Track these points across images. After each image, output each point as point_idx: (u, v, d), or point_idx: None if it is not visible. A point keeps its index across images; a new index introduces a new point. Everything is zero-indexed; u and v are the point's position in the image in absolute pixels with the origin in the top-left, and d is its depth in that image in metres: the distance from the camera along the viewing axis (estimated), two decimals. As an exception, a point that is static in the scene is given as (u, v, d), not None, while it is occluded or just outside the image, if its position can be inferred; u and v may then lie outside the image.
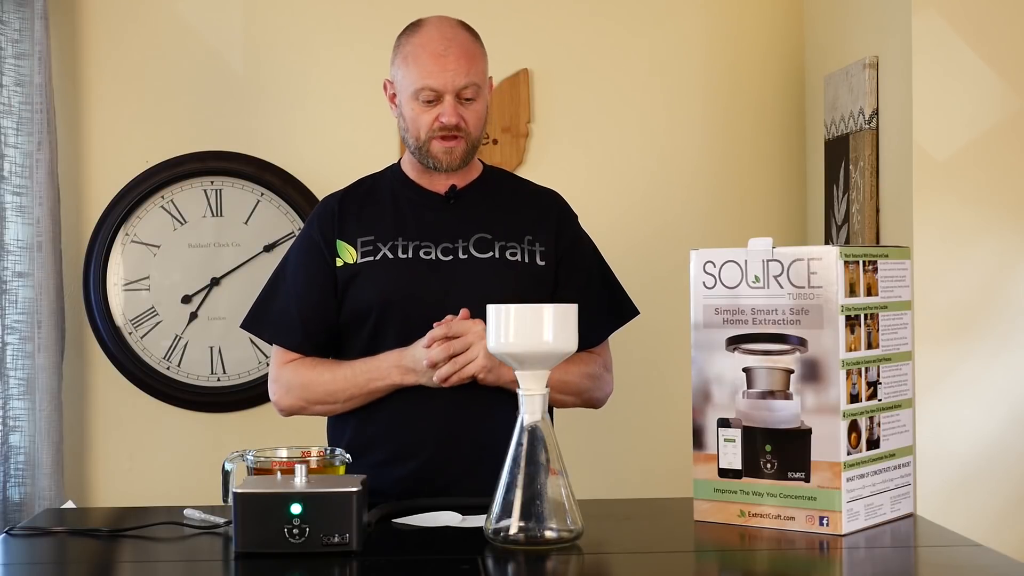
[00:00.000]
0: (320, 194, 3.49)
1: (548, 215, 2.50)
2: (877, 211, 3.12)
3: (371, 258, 2.41)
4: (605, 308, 2.50)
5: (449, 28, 2.41)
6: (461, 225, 2.43)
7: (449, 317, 2.29)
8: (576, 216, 2.55)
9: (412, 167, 2.49)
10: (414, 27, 2.43)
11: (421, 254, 2.40)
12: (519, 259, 2.42)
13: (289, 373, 2.45)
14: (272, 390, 2.48)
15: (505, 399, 2.17)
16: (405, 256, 2.40)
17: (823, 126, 3.45)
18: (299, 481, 1.85)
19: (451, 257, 2.40)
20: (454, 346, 2.27)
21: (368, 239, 2.42)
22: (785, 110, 3.68)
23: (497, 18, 3.49)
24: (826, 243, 3.41)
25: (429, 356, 2.27)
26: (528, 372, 1.88)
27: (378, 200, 2.47)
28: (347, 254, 2.42)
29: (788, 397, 1.94)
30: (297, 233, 3.53)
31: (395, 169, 2.53)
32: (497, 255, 2.42)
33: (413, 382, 2.33)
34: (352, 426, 2.43)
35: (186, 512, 2.06)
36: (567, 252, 2.48)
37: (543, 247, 2.45)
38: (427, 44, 2.38)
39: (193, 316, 3.53)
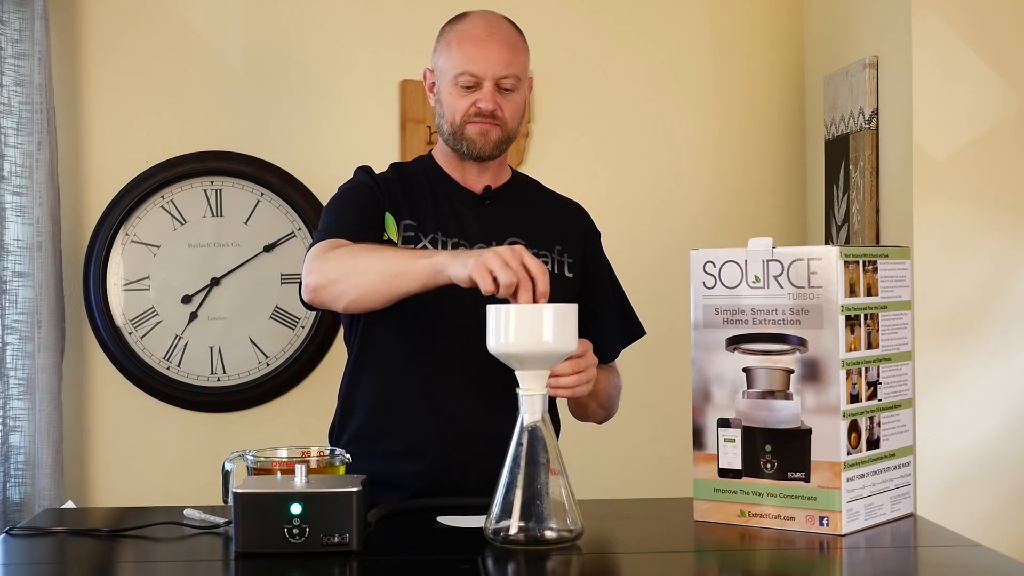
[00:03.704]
0: (320, 194, 3.50)
1: (576, 228, 2.49)
2: (877, 211, 3.12)
3: (411, 246, 2.34)
4: (619, 326, 2.51)
5: (495, 19, 2.39)
6: (495, 227, 2.40)
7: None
8: (600, 233, 2.54)
9: (445, 159, 2.44)
10: (460, 16, 2.42)
11: None
12: (550, 268, 2.39)
13: (342, 249, 2.24)
14: (305, 271, 2.26)
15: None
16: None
17: (823, 126, 3.45)
18: (299, 481, 1.85)
19: (461, 250, 2.36)
20: (586, 372, 2.17)
21: (411, 224, 2.36)
22: (785, 110, 3.68)
23: (497, 18, 3.49)
24: (826, 243, 3.42)
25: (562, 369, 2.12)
26: (528, 372, 1.88)
27: (418, 188, 2.41)
28: (392, 229, 2.36)
29: (788, 397, 1.94)
30: (297, 232, 3.54)
31: (428, 160, 2.48)
32: None
33: (444, 280, 2.09)
34: (361, 415, 2.39)
35: (186, 512, 2.06)
36: (591, 268, 2.47)
37: (571, 259, 2.43)
38: (471, 31, 2.36)
39: (193, 316, 3.53)
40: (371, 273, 2.17)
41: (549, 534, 1.85)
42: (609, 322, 2.46)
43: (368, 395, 2.39)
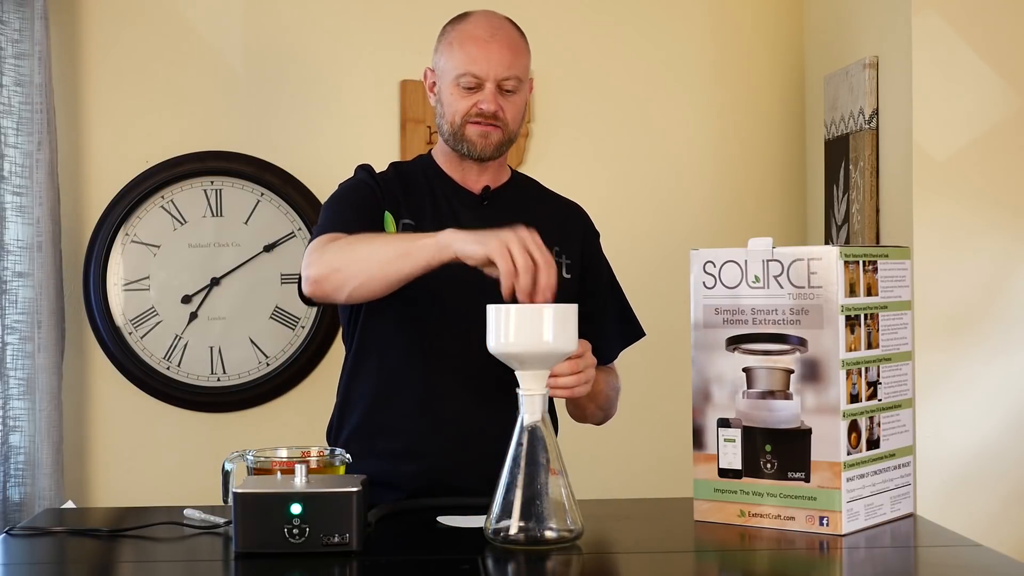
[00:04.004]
0: (320, 194, 3.50)
1: (575, 229, 2.48)
2: (877, 211, 3.12)
3: None
4: (618, 328, 2.50)
5: (496, 19, 2.39)
6: (494, 227, 2.39)
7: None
8: (599, 234, 2.54)
9: (445, 159, 2.43)
10: (461, 16, 2.41)
11: None
12: None
13: (341, 240, 2.23)
14: (305, 265, 2.23)
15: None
16: None
17: (823, 126, 3.45)
18: (299, 481, 1.84)
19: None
20: (585, 372, 2.17)
21: (409, 223, 2.35)
22: (785, 110, 3.68)
23: (497, 18, 3.49)
24: (826, 243, 3.42)
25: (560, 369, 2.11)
26: (528, 372, 1.88)
27: (417, 188, 2.41)
28: (391, 228, 2.35)
29: (788, 397, 1.94)
30: (297, 232, 3.54)
31: (427, 160, 2.47)
32: None
33: (449, 256, 2.07)
34: (359, 413, 2.39)
35: (186, 512, 2.06)
36: (589, 269, 2.47)
37: (569, 260, 2.43)
38: (473, 31, 2.35)
39: (193, 316, 3.53)
40: (374, 258, 2.16)
41: (549, 534, 1.85)
42: (607, 323, 2.46)
43: (366, 393, 2.38)
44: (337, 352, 3.54)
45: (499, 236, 2.01)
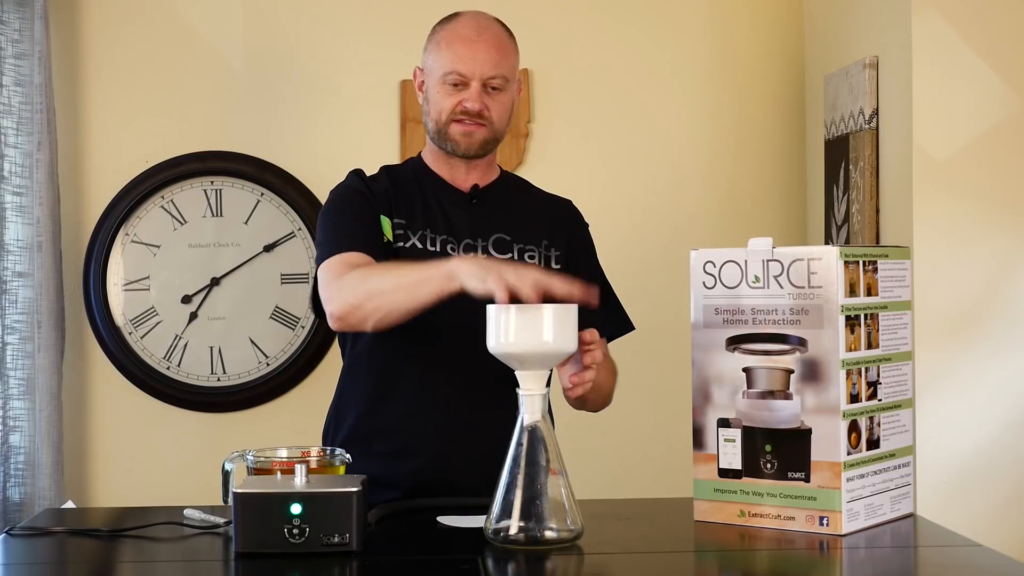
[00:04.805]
0: (320, 194, 3.50)
1: (563, 222, 2.50)
2: (877, 211, 3.12)
3: (401, 244, 2.37)
4: (607, 320, 2.50)
5: (484, 19, 2.41)
6: (481, 224, 2.41)
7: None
8: (588, 226, 2.55)
9: (434, 159, 2.46)
10: (450, 17, 2.44)
11: (448, 249, 2.37)
12: (536, 262, 2.41)
13: (355, 272, 2.27)
14: (326, 299, 2.28)
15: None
16: (433, 249, 2.36)
17: (823, 126, 3.45)
18: (299, 481, 1.85)
19: (472, 255, 2.38)
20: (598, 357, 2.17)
21: (400, 223, 2.38)
22: (785, 110, 3.68)
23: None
24: (826, 243, 3.42)
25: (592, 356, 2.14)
26: (528, 372, 1.88)
27: (406, 187, 2.44)
28: (388, 230, 2.37)
29: (788, 397, 1.94)
30: (297, 232, 3.54)
31: (417, 161, 2.50)
32: (516, 256, 2.40)
33: (457, 287, 2.09)
34: (355, 414, 2.40)
35: (186, 512, 2.06)
36: (577, 260, 2.48)
37: (557, 252, 2.44)
38: (461, 30, 2.38)
39: (193, 316, 3.53)
40: (389, 292, 2.19)
41: (549, 534, 1.85)
42: (596, 315, 2.44)
43: (361, 395, 2.40)
44: (337, 352, 3.54)
45: (499, 271, 2.01)
